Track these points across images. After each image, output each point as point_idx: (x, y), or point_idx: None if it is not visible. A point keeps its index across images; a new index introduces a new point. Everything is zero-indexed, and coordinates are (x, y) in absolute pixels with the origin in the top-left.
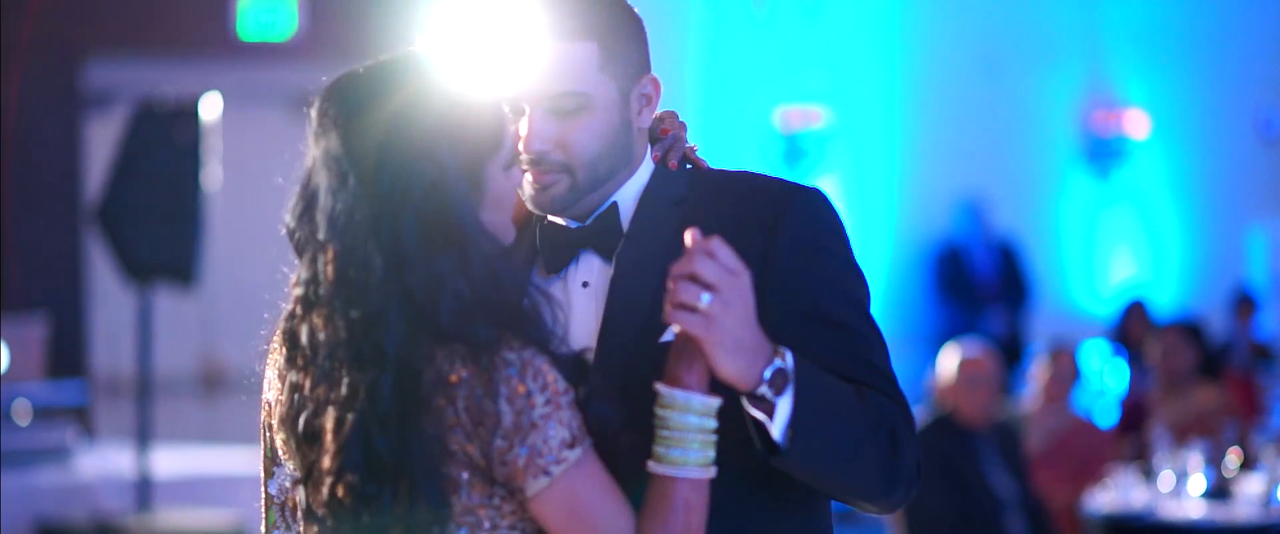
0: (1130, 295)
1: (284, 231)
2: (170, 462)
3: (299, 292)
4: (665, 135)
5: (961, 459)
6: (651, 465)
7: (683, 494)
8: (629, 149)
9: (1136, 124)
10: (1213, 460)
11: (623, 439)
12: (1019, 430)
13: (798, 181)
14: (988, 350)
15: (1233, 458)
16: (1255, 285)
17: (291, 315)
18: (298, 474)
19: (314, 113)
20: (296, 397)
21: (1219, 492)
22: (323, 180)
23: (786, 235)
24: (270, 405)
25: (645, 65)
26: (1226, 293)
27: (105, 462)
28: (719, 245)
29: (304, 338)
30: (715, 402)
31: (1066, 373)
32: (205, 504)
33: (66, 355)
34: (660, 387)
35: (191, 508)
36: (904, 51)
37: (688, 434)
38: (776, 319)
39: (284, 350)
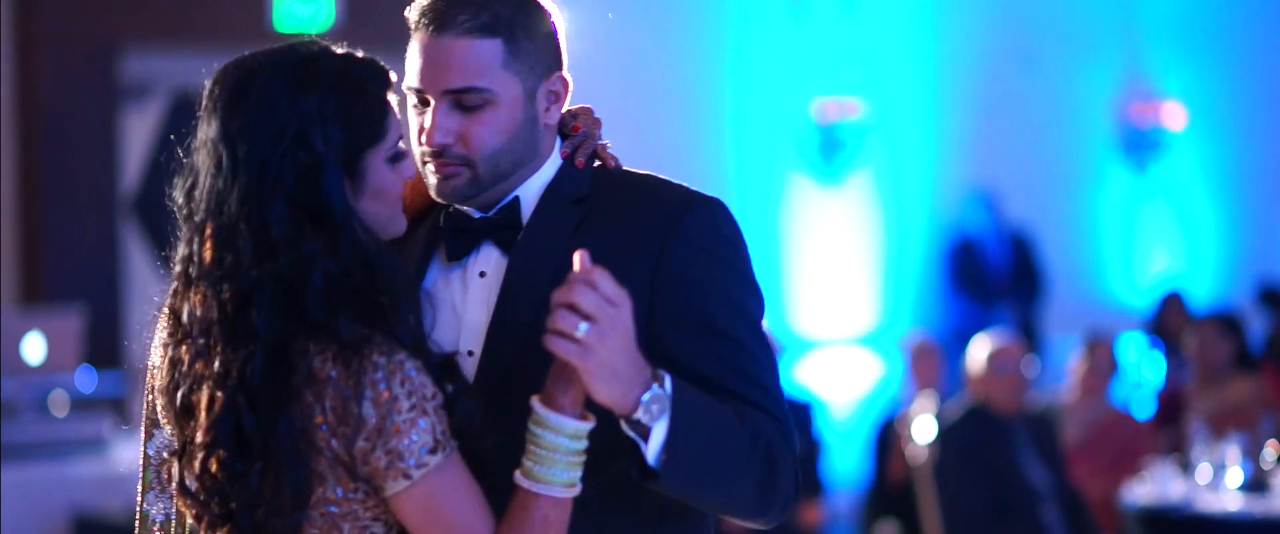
0: (1167, 288)
1: (174, 209)
2: None
3: (178, 268)
4: (576, 132)
5: (995, 450)
6: (518, 477)
7: (543, 510)
8: (534, 144)
9: (1173, 116)
10: (1250, 452)
11: (488, 440)
12: (1052, 421)
13: (700, 191)
14: (1016, 340)
15: (1270, 450)
16: None
17: (174, 292)
18: (175, 446)
19: (203, 96)
20: (176, 371)
21: (1256, 484)
22: (203, 163)
23: (680, 244)
24: (152, 370)
25: (555, 63)
26: (1265, 286)
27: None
28: (601, 275)
29: (184, 314)
30: (586, 426)
31: (1104, 365)
32: None
33: (104, 346)
34: (535, 404)
35: None
36: (940, 44)
37: (556, 454)
38: (665, 327)
39: (167, 324)
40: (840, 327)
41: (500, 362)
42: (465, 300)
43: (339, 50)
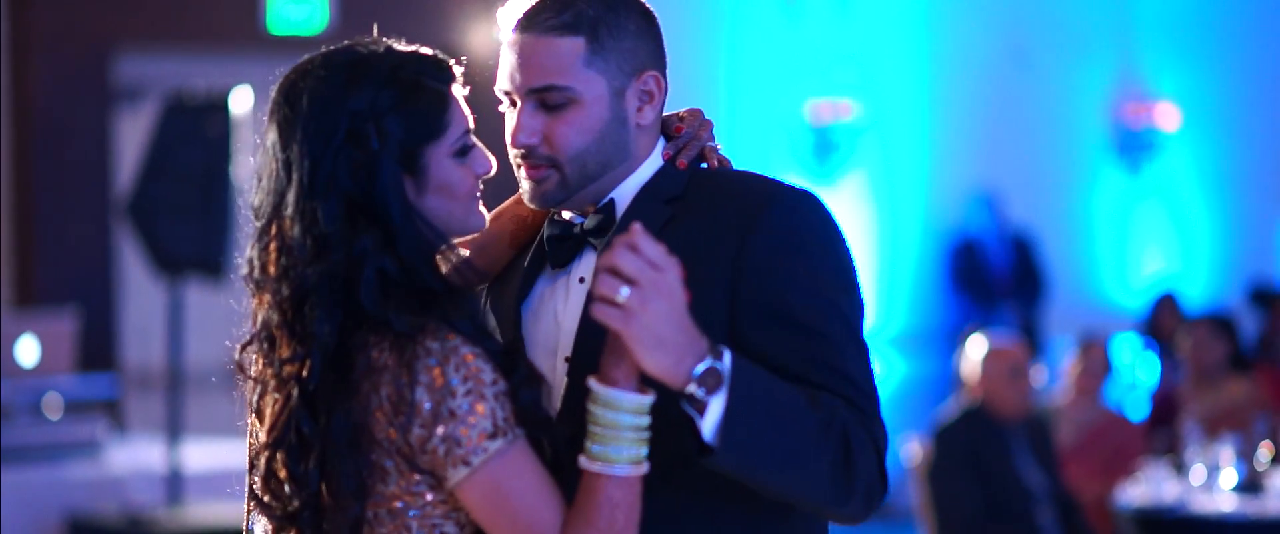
0: (1161, 289)
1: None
2: (201, 455)
3: (244, 271)
4: (678, 134)
5: (991, 452)
6: (581, 461)
7: (610, 491)
8: (624, 145)
9: (1167, 117)
10: (1244, 454)
11: (560, 428)
12: (1048, 423)
13: (791, 185)
14: (1019, 343)
15: (1264, 451)
16: None
17: (251, 297)
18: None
19: (269, 102)
20: (252, 376)
21: (1250, 485)
22: (264, 167)
23: (762, 234)
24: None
25: (648, 62)
26: (1256, 286)
27: (136, 455)
28: (643, 238)
29: (257, 319)
30: (646, 400)
31: (1098, 366)
32: (236, 498)
33: (97, 349)
34: (590, 382)
35: (222, 501)
36: (934, 44)
37: (617, 431)
38: (747, 321)
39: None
40: None
41: (589, 364)
42: (566, 307)
43: (400, 47)
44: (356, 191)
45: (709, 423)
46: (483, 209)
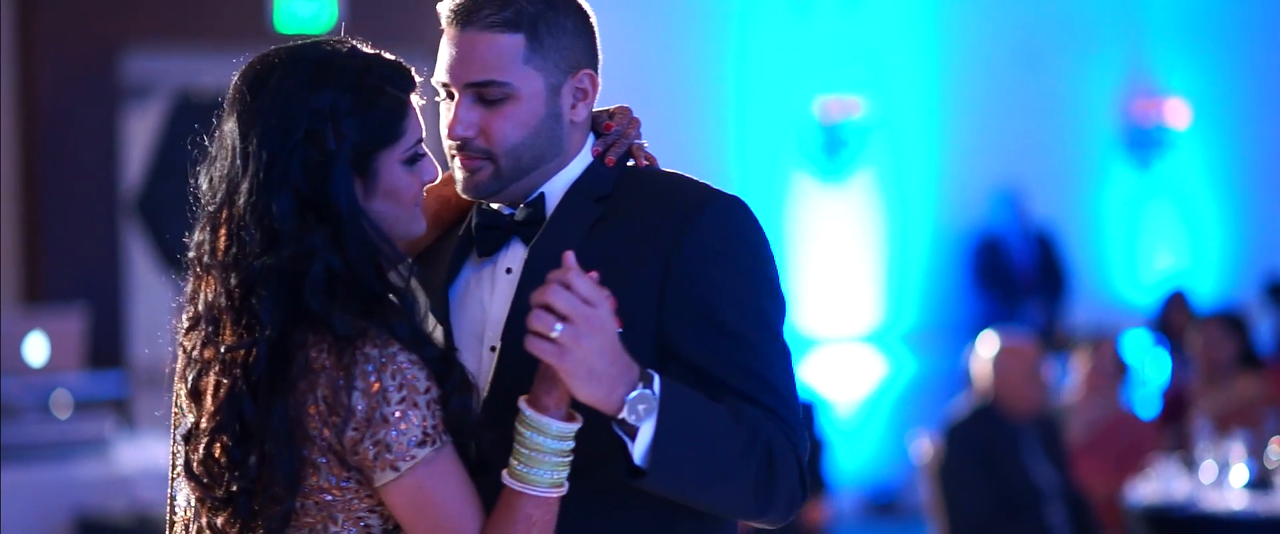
0: (1171, 286)
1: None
2: None
3: (192, 255)
4: (608, 131)
5: (1002, 450)
6: (504, 476)
7: (528, 510)
8: (557, 140)
9: (1177, 114)
10: (1254, 451)
11: (486, 436)
12: (1059, 421)
13: (720, 190)
14: (1033, 340)
15: (1275, 448)
16: None
17: (191, 279)
18: (186, 429)
19: (230, 90)
20: (189, 357)
21: (1261, 482)
22: (219, 152)
23: (691, 241)
24: (178, 360)
25: (583, 60)
26: (1269, 281)
27: (144, 453)
28: (577, 276)
29: (198, 301)
30: (571, 427)
31: (1108, 364)
32: None
33: (106, 347)
34: (521, 404)
35: None
36: (943, 41)
37: (542, 455)
38: (674, 324)
39: (186, 310)
40: (844, 325)
41: (517, 357)
42: (492, 296)
43: (364, 50)
44: (308, 189)
45: (639, 447)
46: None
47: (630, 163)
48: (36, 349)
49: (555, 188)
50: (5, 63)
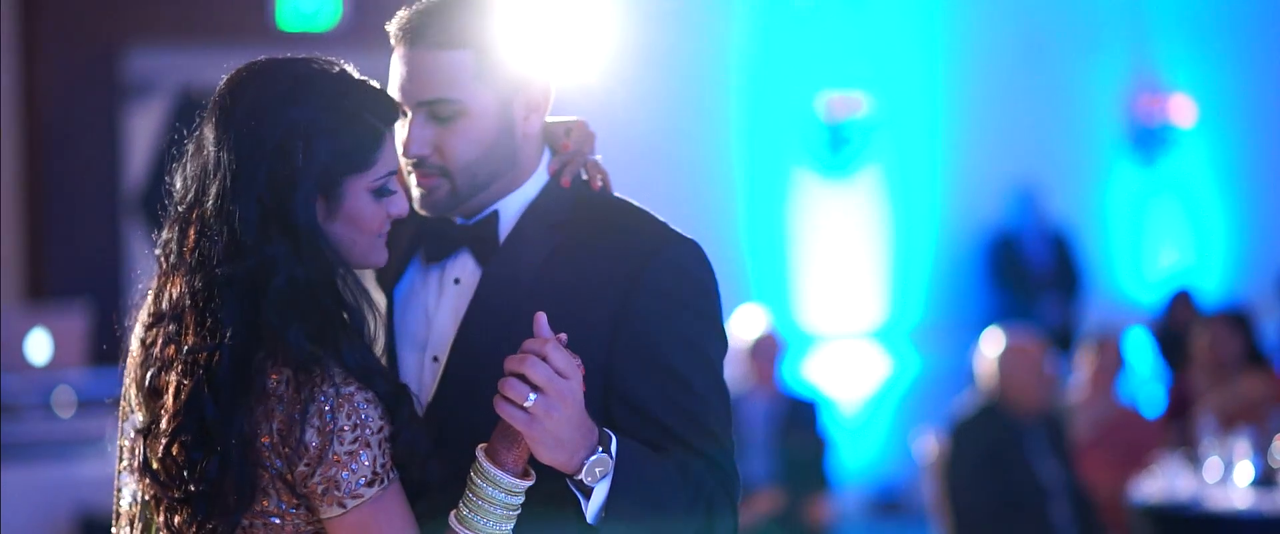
0: (1176, 284)
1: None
2: None
3: (158, 252)
4: (565, 150)
5: (1007, 448)
6: (451, 519)
7: None
8: (512, 155)
9: (1182, 111)
10: (1260, 448)
11: (433, 469)
12: (1065, 418)
13: (675, 231)
14: (1039, 338)
15: None
16: None
17: (156, 276)
18: (141, 426)
19: (215, 92)
20: (149, 354)
21: (1266, 480)
22: (192, 154)
23: (647, 285)
24: (132, 352)
25: (535, 72)
26: (1273, 280)
27: None
28: (553, 348)
29: (164, 300)
30: (524, 484)
31: (1112, 362)
32: None
33: (108, 344)
34: (479, 455)
35: None
36: (947, 37)
37: (491, 507)
38: (624, 364)
39: (148, 306)
40: (849, 322)
41: (461, 372)
42: (438, 305)
43: (353, 74)
44: (272, 201)
45: (593, 506)
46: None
47: (585, 179)
48: (39, 347)
49: (510, 206)
50: (7, 61)
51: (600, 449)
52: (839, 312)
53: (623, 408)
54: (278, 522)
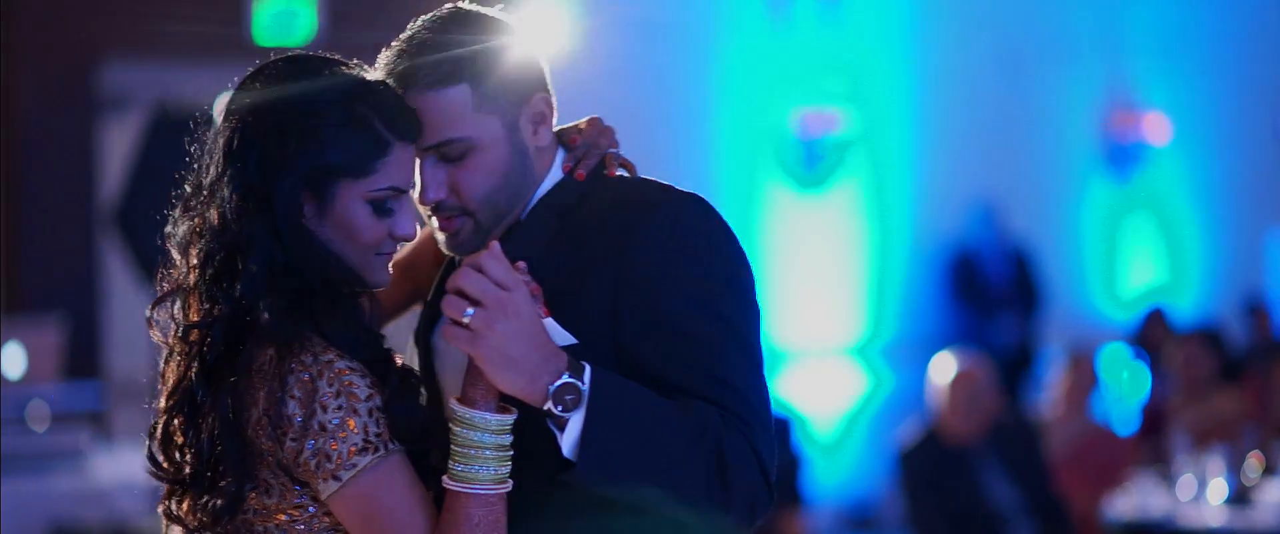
0: (1150, 302)
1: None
2: None
3: (168, 230)
4: (575, 145)
5: (952, 476)
6: (444, 480)
7: (471, 510)
8: (527, 172)
9: (1157, 128)
10: (1233, 466)
11: (434, 444)
12: (1027, 433)
13: (676, 190)
14: (977, 361)
15: (1253, 464)
16: (1276, 292)
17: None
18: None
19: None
20: (165, 339)
21: (1239, 498)
22: (210, 147)
23: (640, 244)
24: None
25: (533, 85)
26: (1246, 299)
27: (121, 465)
28: (490, 259)
29: (168, 281)
30: (507, 418)
31: (1085, 379)
32: None
33: (83, 358)
34: (450, 402)
35: None
36: (923, 54)
37: (479, 450)
38: (631, 333)
39: (163, 288)
40: (823, 339)
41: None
42: None
43: (381, 84)
44: (259, 184)
45: (568, 440)
46: (391, 267)
47: (605, 172)
48: (13, 361)
49: (529, 207)
50: None
51: (569, 374)
52: (813, 328)
53: (632, 373)
54: (286, 518)
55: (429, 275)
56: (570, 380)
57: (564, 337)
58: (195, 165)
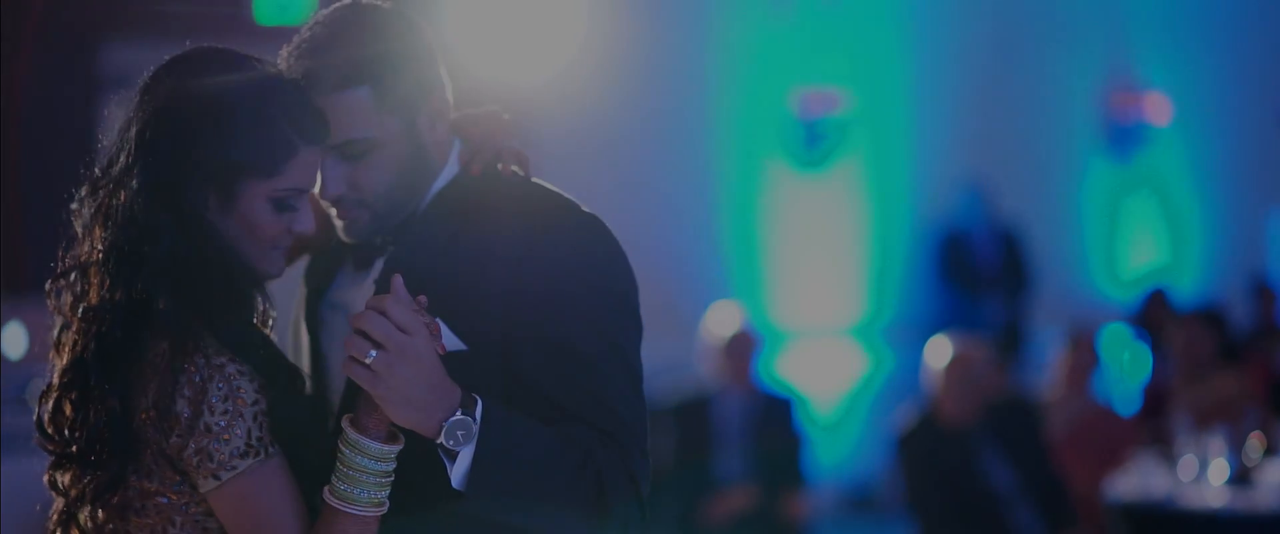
0: (1151, 282)
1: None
2: None
3: (73, 207)
4: (472, 138)
5: (950, 459)
6: (325, 494)
7: (346, 527)
8: (425, 166)
9: (1157, 109)
10: (1234, 446)
11: (314, 448)
12: (1027, 415)
13: (576, 209)
14: (973, 343)
15: (1254, 444)
16: (1276, 272)
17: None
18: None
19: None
20: (60, 306)
21: (1241, 478)
22: (122, 126)
23: (539, 261)
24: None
25: (432, 82)
26: (1247, 279)
27: None
28: (394, 303)
29: (72, 258)
30: (391, 449)
31: (1086, 360)
32: None
33: None
34: (344, 424)
35: None
36: (923, 34)
37: (362, 475)
38: (517, 345)
39: (61, 262)
40: (824, 319)
41: None
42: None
43: (293, 85)
44: (167, 176)
45: (457, 472)
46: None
47: (500, 166)
48: (14, 340)
49: (426, 202)
50: None
51: (462, 411)
52: (815, 308)
53: (517, 387)
54: (166, 501)
55: (317, 240)
56: (463, 417)
57: (454, 342)
58: (105, 144)
